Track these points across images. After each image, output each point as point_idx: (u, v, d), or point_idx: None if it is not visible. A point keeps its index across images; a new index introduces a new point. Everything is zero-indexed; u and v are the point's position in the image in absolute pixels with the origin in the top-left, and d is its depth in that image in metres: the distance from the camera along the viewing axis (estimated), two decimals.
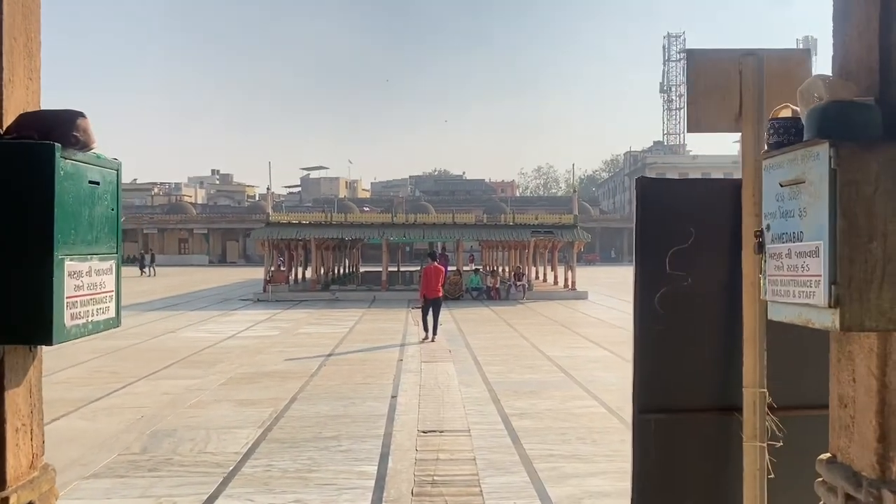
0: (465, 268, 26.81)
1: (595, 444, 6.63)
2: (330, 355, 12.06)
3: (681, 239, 2.76)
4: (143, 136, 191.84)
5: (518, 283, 24.65)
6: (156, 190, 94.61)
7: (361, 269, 37.95)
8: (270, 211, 26.81)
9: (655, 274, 2.77)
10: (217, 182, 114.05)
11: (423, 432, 7.02)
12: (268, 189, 29.42)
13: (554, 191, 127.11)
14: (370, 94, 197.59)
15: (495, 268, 36.84)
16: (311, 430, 7.12)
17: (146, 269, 42.49)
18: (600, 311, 20.45)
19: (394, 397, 8.67)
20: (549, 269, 31.71)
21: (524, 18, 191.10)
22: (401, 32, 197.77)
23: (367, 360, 11.47)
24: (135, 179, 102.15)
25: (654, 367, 2.79)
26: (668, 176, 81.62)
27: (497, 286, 25.18)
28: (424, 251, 16.88)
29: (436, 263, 15.73)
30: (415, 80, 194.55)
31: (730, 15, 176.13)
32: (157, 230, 69.58)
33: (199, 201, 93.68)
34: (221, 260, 68.32)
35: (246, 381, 9.79)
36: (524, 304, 22.56)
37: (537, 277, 31.40)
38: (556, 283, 29.14)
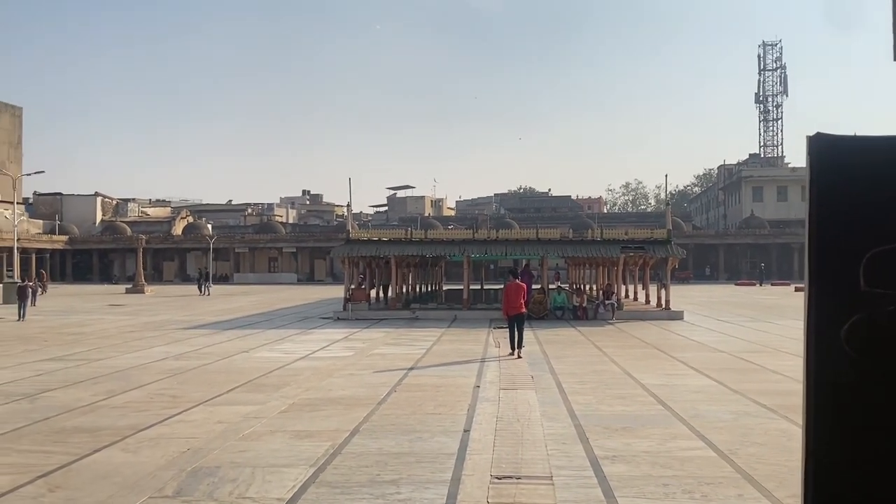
0: (551, 286, 25.54)
1: (707, 501, 5.43)
2: (402, 379, 11.17)
3: (887, 235, 1.67)
4: (238, 159, 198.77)
5: (607, 302, 23.22)
6: (249, 210, 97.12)
7: (445, 287, 37.22)
8: (351, 228, 26.38)
9: (840, 292, 1.69)
10: (307, 202, 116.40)
11: (497, 478, 5.99)
12: (348, 205, 29.09)
13: (643, 207, 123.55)
14: (455, 113, 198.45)
15: (582, 286, 35.35)
16: (369, 471, 6.19)
17: (203, 289, 42.92)
18: (698, 333, 18.85)
19: (466, 431, 7.66)
20: (639, 287, 30.02)
21: (608, 33, 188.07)
22: (483, 51, 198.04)
23: (441, 387, 10.51)
24: (230, 200, 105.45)
25: (842, 446, 1.70)
26: (766, 192, 77.70)
27: (584, 305, 23.82)
28: (509, 268, 15.89)
29: (517, 280, 14.95)
30: (499, 99, 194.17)
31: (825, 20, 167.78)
32: (248, 249, 71.11)
33: (290, 221, 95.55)
34: (309, 278, 69.13)
35: (308, 408, 9.01)
36: (613, 325, 21.14)
37: (627, 296, 29.76)
38: (647, 302, 27.48)
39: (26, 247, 62.39)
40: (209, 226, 77.98)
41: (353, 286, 25.57)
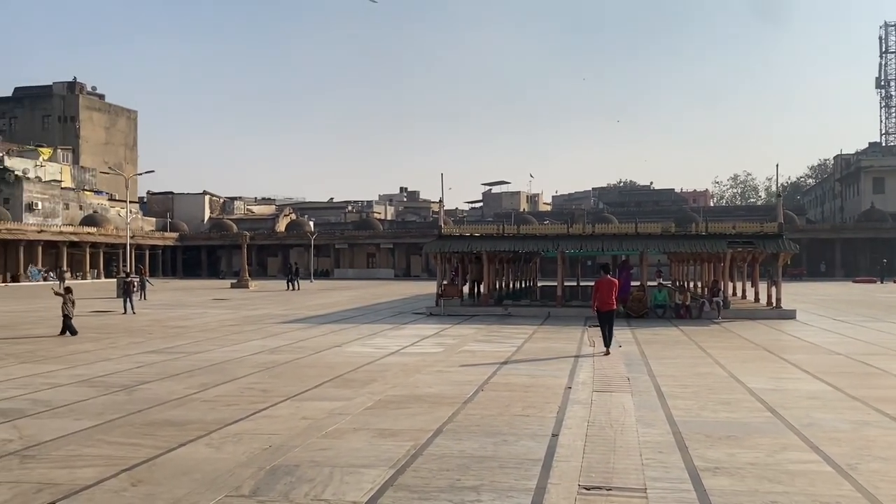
0: (651, 283, 24.56)
1: None
2: (490, 378, 10.84)
3: None
4: (340, 158, 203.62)
5: (713, 300, 22.08)
6: (349, 208, 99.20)
7: (539, 284, 36.61)
8: (443, 223, 26.25)
9: None
10: (404, 199, 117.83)
11: (586, 489, 5.57)
12: (440, 201, 28.97)
13: (752, 200, 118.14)
14: (553, 107, 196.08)
15: (685, 283, 33.94)
16: (450, 475, 5.90)
17: (292, 283, 43.54)
18: (812, 334, 17.60)
19: (555, 436, 7.25)
20: (748, 284, 28.49)
21: (712, 20, 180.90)
22: (581, 44, 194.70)
23: (531, 387, 10.10)
24: (331, 198, 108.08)
25: None
26: (888, 182, 72.42)
27: (687, 303, 22.75)
28: (601, 264, 15.33)
29: (609, 276, 14.51)
30: (598, 91, 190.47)
31: None
32: (347, 245, 72.60)
33: (388, 218, 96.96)
34: (406, 273, 69.86)
35: (394, 405, 8.82)
36: (719, 325, 20.05)
37: (735, 294, 28.28)
38: (756, 300, 26.00)
39: (140, 243, 65.95)
40: (311, 223, 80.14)
41: (445, 282, 25.45)
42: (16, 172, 62.95)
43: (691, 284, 33.57)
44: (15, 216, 57.34)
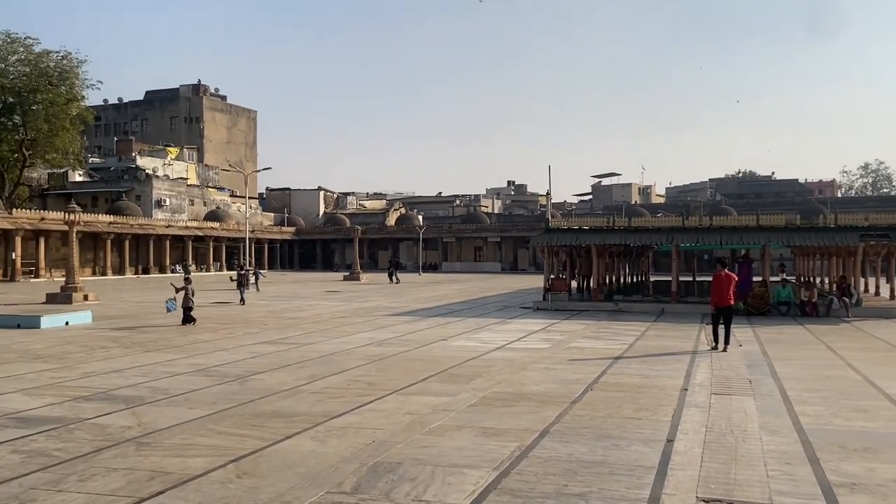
0: (774, 278, 23.16)
1: None
2: (600, 377, 10.42)
3: None
4: (449, 153, 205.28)
5: (842, 298, 20.55)
6: (457, 202, 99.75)
7: (652, 279, 35.40)
8: (550, 216, 25.75)
9: None
10: (512, 192, 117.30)
11: (705, 501, 5.15)
12: (547, 193, 28.59)
13: (886, 190, 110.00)
14: (665, 96, 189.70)
15: (811, 278, 31.90)
16: (556, 480, 5.62)
17: (392, 277, 43.69)
18: None
19: (669, 441, 6.82)
20: (882, 280, 26.40)
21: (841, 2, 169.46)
22: (694, 32, 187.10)
23: (643, 388, 9.62)
24: (439, 192, 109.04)
25: None
26: None
27: (814, 300, 21.28)
28: (717, 258, 14.53)
29: (726, 270, 13.82)
30: (714, 79, 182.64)
31: None
32: (455, 239, 72.95)
33: (495, 211, 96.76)
34: (513, 267, 69.46)
35: (499, 402, 8.60)
36: (850, 323, 18.63)
37: (867, 290, 26.27)
38: (892, 297, 24.04)
39: (259, 237, 68.76)
40: (420, 217, 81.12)
41: (552, 276, 24.97)
42: (146, 171, 67.07)
43: (817, 280, 31.51)
44: (145, 212, 61.07)
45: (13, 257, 45.74)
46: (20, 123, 53.88)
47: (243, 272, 28.06)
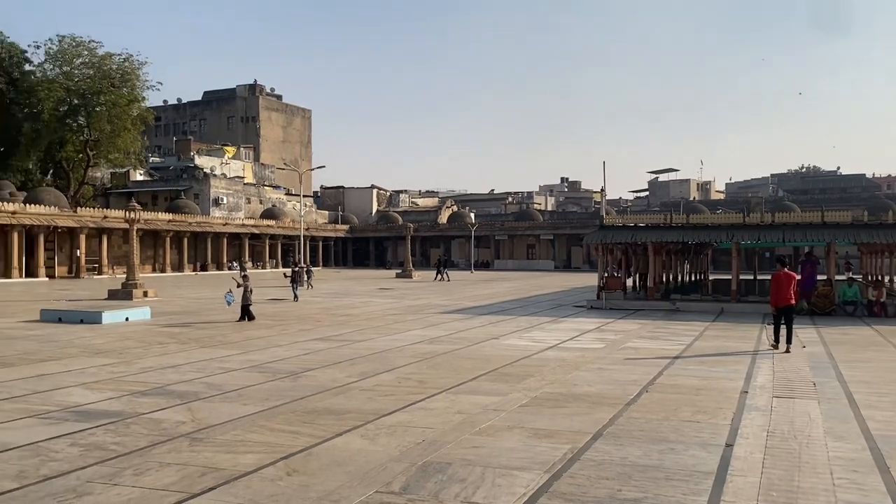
0: (840, 277, 22.32)
1: None
2: (656, 378, 10.16)
3: None
4: (501, 150, 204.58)
5: None
6: (509, 199, 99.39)
7: (711, 278, 34.58)
8: (604, 213, 25.33)
9: None
10: (565, 189, 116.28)
11: None
12: (601, 190, 28.07)
13: None
14: (724, 91, 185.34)
15: (879, 277, 30.66)
16: (609, 484, 5.46)
17: (440, 274, 43.45)
18: None
19: (728, 446, 6.57)
20: None
21: None
22: (755, 24, 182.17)
23: (701, 389, 9.33)
24: (492, 190, 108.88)
25: None
26: None
27: (882, 300, 20.43)
28: (777, 256, 14.07)
29: (787, 269, 13.41)
30: (775, 71, 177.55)
31: None
32: (507, 236, 72.61)
33: (548, 208, 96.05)
34: (566, 265, 68.78)
35: (551, 403, 8.44)
36: None
37: None
38: None
39: (314, 235, 69.68)
40: (472, 214, 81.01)
41: (606, 274, 24.57)
42: (204, 170, 68.61)
43: (887, 279, 30.27)
44: (203, 210, 62.47)
45: (78, 254, 47.35)
46: (84, 124, 55.72)
47: (296, 269, 28.42)
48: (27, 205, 44.98)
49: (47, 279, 43.73)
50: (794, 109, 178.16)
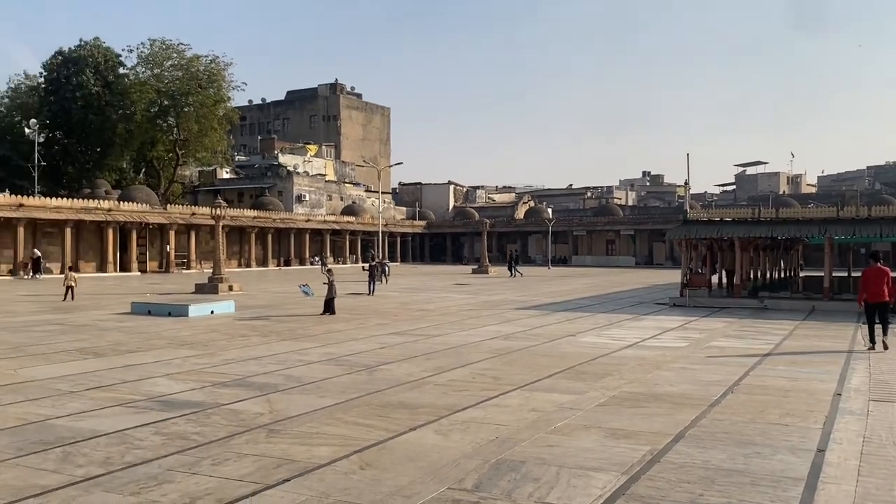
0: None
1: None
2: (742, 378, 9.74)
3: None
4: (580, 144, 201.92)
5: None
6: (588, 194, 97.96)
7: (802, 274, 33.10)
8: (688, 207, 24.57)
9: None
10: (647, 183, 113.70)
11: None
12: (685, 183, 27.22)
13: None
14: (814, 79, 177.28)
15: None
16: (690, 489, 5.22)
17: (512, 270, 42.82)
18: None
19: (820, 451, 6.21)
20: None
21: None
22: (841, 5, 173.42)
23: (791, 391, 8.89)
24: (570, 185, 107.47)
25: None
26: None
27: None
28: (870, 252, 13.42)
29: (880, 265, 12.90)
30: (871, 58, 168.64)
31: None
32: (585, 232, 71.58)
33: (629, 203, 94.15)
34: (647, 261, 67.24)
35: (630, 402, 8.20)
36: None
37: None
38: None
39: (392, 231, 70.48)
40: (549, 210, 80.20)
41: (690, 270, 23.82)
42: (288, 168, 70.37)
43: None
44: (287, 207, 64.07)
45: (168, 250, 49.37)
46: (174, 125, 57.98)
47: (373, 263, 28.78)
48: (121, 202, 47.22)
49: (139, 273, 45.77)
50: (893, 98, 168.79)
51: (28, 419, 7.27)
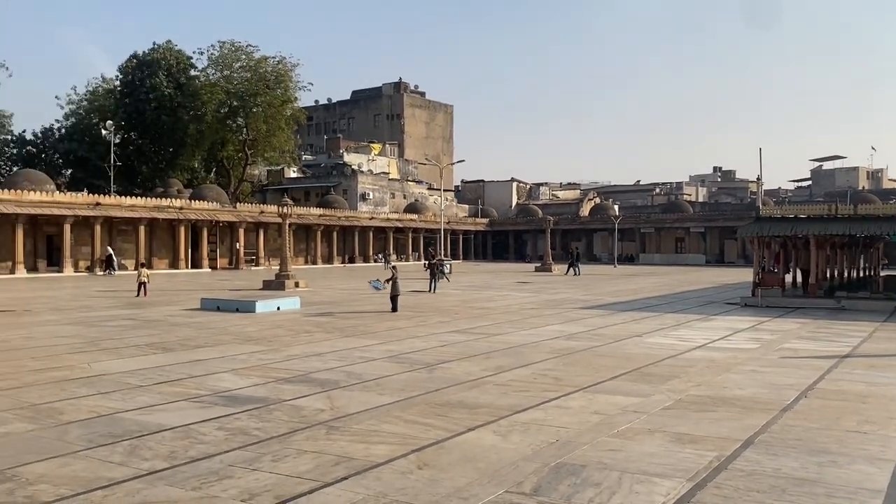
0: None
1: None
2: (816, 383, 9.32)
3: None
4: (648, 140, 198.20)
5: None
6: (657, 190, 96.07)
7: (882, 274, 31.63)
8: (761, 204, 23.74)
9: None
10: (718, 179, 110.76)
11: None
12: (757, 179, 26.32)
13: None
14: (893, 69, 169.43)
15: None
16: (760, 497, 4.99)
17: (572, 268, 41.99)
18: None
19: None
20: None
21: None
22: None
23: (869, 397, 8.45)
24: (637, 181, 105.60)
25: None
26: None
27: None
28: None
29: None
30: None
31: None
32: (653, 229, 70.11)
33: (699, 199, 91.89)
34: (718, 259, 65.42)
35: (697, 406, 7.93)
36: None
37: None
38: None
39: (454, 229, 70.57)
40: (615, 207, 78.92)
41: (762, 269, 23.01)
42: (352, 167, 71.26)
43: None
44: (351, 205, 64.91)
45: (237, 247, 50.65)
46: (243, 125, 59.39)
47: (434, 261, 28.82)
48: (192, 201, 48.66)
49: (210, 270, 47.10)
50: None
51: (99, 412, 7.51)
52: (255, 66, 58.10)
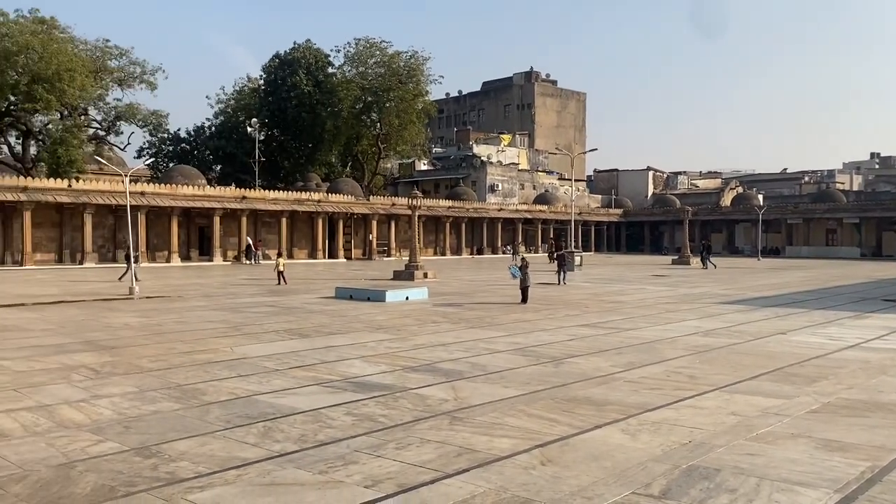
0: None
1: None
2: None
3: None
4: (796, 125, 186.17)
5: None
6: (805, 178, 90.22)
7: None
8: None
9: None
10: (876, 166, 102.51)
11: None
12: None
13: None
14: None
15: None
16: None
17: (705, 261, 39.51)
18: None
19: None
20: None
21: None
22: None
23: None
24: (784, 169, 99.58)
25: None
26: None
27: None
28: None
29: None
30: None
31: None
32: (801, 220, 65.78)
33: (854, 188, 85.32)
34: (875, 253, 60.49)
35: (847, 411, 7.31)
36: None
37: None
38: None
39: (586, 219, 69.32)
40: (759, 196, 74.69)
41: None
42: (481, 158, 71.50)
43: None
44: (480, 196, 65.18)
45: (370, 238, 52.20)
46: (376, 120, 61.00)
47: (561, 252, 28.40)
48: (329, 194, 50.62)
49: (345, 260, 48.86)
50: None
51: (237, 394, 7.90)
52: (389, 61, 59.41)
